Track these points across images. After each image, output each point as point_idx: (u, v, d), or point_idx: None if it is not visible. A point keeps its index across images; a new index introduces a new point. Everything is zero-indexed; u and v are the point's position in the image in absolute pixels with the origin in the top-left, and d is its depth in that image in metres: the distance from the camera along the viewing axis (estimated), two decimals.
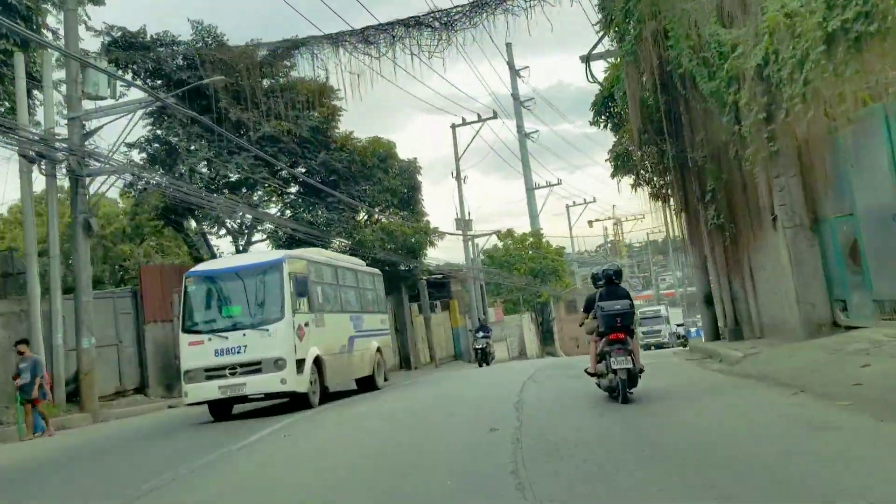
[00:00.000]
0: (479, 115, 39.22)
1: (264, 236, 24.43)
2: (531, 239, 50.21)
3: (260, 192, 23.70)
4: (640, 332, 49.42)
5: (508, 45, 51.14)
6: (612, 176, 16.88)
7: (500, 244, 51.57)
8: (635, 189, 16.06)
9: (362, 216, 26.10)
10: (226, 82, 19.69)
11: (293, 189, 24.40)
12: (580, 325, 9.52)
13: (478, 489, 5.09)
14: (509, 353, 46.68)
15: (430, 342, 33.80)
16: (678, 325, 54.17)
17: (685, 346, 24.98)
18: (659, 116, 14.22)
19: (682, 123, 14.27)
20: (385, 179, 26.11)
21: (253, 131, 21.11)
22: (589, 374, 9.14)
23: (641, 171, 16.22)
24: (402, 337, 30.76)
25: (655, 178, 16.04)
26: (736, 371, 10.45)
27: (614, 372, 8.14)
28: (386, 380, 16.55)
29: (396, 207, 26.93)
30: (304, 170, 23.18)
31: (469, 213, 39.45)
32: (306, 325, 12.52)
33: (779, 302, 12.36)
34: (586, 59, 16.81)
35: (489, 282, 47.43)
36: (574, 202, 58.42)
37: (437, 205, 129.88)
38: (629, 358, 8.08)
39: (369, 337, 15.88)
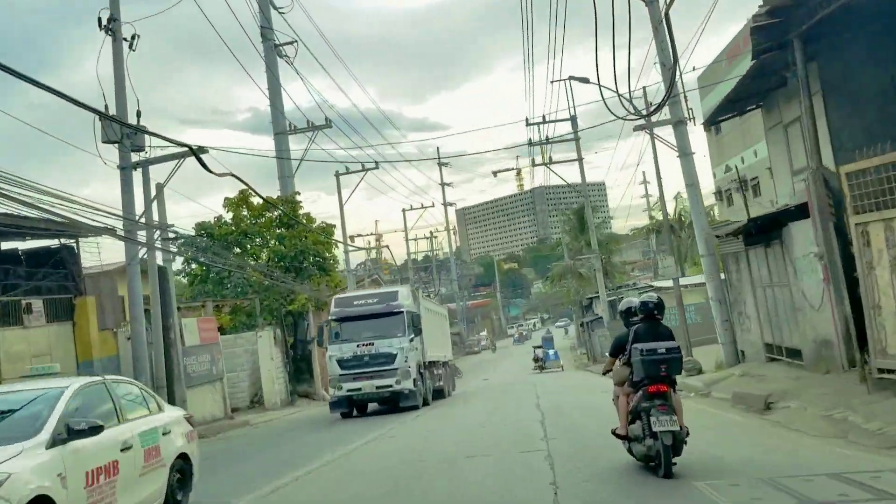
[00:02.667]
0: None
1: None
2: (281, 208, 29.43)
3: None
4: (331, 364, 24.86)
5: None
6: None
7: (227, 215, 30.34)
8: None
9: None
10: None
11: None
12: (604, 373, 7.96)
13: None
14: (227, 403, 24.99)
15: None
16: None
17: None
18: None
19: None
20: None
21: None
22: (618, 436, 7.34)
23: None
24: None
25: None
26: None
27: (654, 436, 6.53)
28: None
29: None
30: None
31: (138, 108, 17.81)
32: None
33: None
34: None
35: (201, 267, 26.07)
36: (347, 168, 37.90)
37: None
38: (674, 418, 6.50)
39: None
